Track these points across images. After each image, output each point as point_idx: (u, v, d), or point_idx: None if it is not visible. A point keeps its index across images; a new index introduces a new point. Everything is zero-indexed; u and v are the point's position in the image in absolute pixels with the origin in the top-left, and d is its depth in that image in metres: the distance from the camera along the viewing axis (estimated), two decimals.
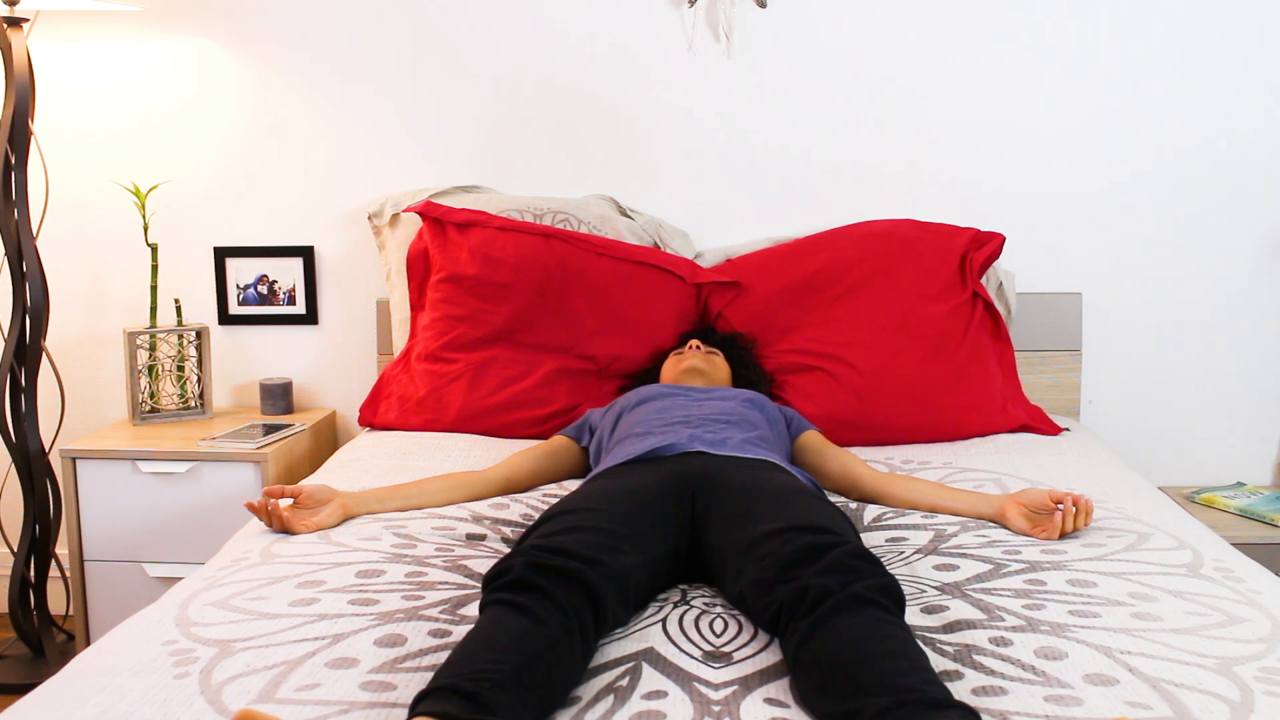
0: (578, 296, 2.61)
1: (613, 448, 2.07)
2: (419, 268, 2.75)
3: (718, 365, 2.41)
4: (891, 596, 1.40)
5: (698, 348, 2.42)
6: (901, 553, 1.80)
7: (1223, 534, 2.38)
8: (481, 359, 2.61)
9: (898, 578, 1.67)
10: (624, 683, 1.36)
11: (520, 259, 2.62)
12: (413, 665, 1.40)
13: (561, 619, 1.37)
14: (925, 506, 1.99)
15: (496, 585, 1.43)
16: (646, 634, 1.49)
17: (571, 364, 2.60)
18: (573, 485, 2.18)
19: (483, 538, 1.88)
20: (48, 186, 2.90)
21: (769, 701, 1.30)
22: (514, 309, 2.61)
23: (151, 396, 2.89)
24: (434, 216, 2.70)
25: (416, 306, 2.77)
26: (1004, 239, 2.67)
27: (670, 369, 2.43)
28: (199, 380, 2.92)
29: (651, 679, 1.36)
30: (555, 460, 2.22)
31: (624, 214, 2.85)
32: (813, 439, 2.22)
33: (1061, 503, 1.84)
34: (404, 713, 1.27)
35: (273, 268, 3.00)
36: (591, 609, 1.42)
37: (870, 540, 1.86)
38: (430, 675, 1.34)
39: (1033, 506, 1.88)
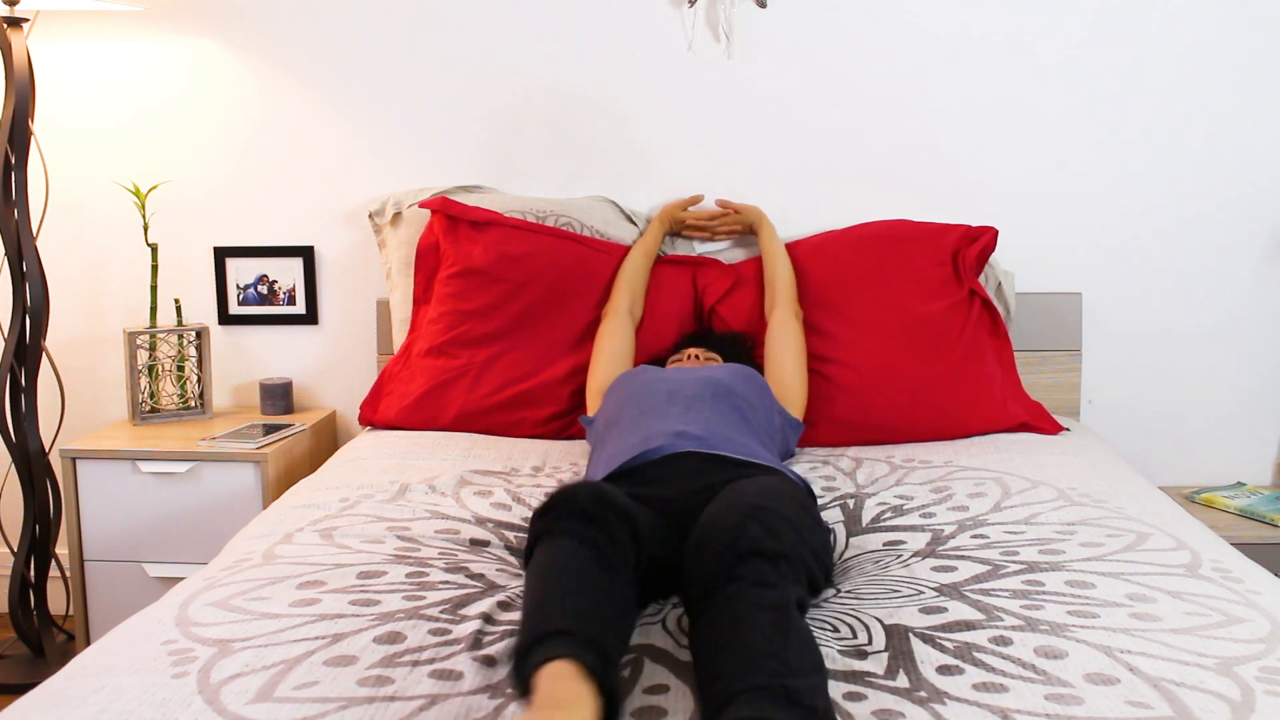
0: (585, 297, 2.62)
1: (606, 430, 2.13)
2: (430, 260, 2.74)
3: None
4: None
5: (695, 358, 2.41)
6: (899, 555, 1.80)
7: (1223, 534, 2.38)
8: (485, 356, 2.61)
9: (896, 580, 1.68)
10: (625, 676, 1.36)
11: (535, 257, 2.62)
12: (410, 660, 1.40)
13: (628, 571, 1.44)
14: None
15: (560, 513, 1.45)
16: (647, 630, 1.50)
17: (574, 364, 2.60)
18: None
19: (486, 544, 1.87)
20: (48, 186, 2.90)
21: None
22: (524, 306, 2.61)
23: (151, 396, 2.89)
24: (449, 213, 2.69)
25: (421, 300, 2.75)
26: (996, 232, 2.66)
27: None
28: (199, 380, 2.92)
29: (653, 673, 1.38)
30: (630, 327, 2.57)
31: (628, 219, 2.84)
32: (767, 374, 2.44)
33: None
34: (401, 706, 1.27)
35: (273, 268, 3.00)
36: (635, 555, 1.47)
37: (867, 543, 1.86)
38: (429, 670, 1.34)
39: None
